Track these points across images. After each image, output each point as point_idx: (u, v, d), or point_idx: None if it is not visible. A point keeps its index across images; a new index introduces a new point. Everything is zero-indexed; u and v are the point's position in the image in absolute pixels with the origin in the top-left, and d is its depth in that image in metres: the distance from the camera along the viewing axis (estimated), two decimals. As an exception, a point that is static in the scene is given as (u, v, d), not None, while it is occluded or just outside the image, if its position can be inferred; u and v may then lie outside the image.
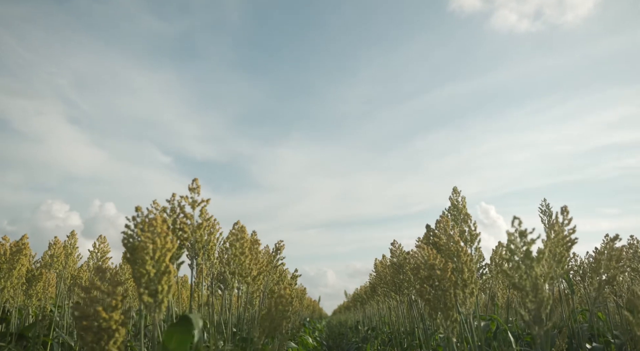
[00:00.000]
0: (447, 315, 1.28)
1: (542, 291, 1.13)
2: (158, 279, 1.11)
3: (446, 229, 1.60)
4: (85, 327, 1.05)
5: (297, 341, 3.49)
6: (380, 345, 3.98)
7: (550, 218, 3.15)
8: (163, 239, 1.13)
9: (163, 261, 1.12)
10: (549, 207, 3.12)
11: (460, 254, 1.42)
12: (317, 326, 8.42)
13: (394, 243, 2.20)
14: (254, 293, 1.58)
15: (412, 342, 2.70)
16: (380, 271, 3.17)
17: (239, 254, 1.35)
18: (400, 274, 2.00)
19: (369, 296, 4.92)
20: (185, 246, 1.34)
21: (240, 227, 1.41)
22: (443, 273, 1.30)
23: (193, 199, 1.37)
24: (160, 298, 1.11)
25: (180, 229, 1.32)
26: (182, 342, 1.10)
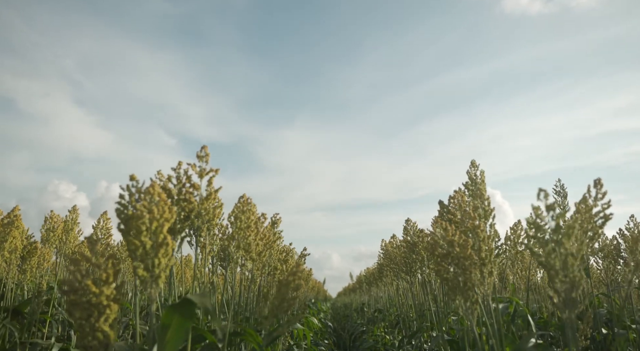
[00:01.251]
0: (466, 295, 1.20)
1: (574, 270, 1.05)
2: (154, 252, 1.03)
3: (461, 205, 1.51)
4: (73, 302, 0.98)
5: (302, 323, 3.45)
6: (387, 327, 3.93)
7: (564, 199, 3.06)
8: (161, 208, 1.05)
9: (160, 232, 1.04)
10: (563, 188, 3.02)
11: (477, 231, 1.33)
12: (321, 308, 8.42)
13: (407, 221, 2.12)
14: (258, 270, 1.51)
15: (422, 324, 2.64)
16: (389, 251, 3.09)
17: (244, 228, 1.27)
18: (413, 253, 1.93)
19: (376, 278, 4.87)
20: (190, 219, 1.26)
21: (246, 200, 1.33)
22: (463, 250, 1.22)
23: (201, 168, 1.28)
24: (157, 273, 1.04)
25: (186, 199, 1.24)
26: (182, 325, 1.02)
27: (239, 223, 1.29)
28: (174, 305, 1.00)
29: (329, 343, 4.28)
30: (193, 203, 1.23)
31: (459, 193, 1.53)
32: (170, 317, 1.02)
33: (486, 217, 1.40)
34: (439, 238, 1.26)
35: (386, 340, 3.67)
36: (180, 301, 1.00)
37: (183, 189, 1.24)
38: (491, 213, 1.41)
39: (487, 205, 1.41)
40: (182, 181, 1.25)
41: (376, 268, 4.59)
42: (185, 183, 1.25)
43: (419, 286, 2.91)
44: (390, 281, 4.06)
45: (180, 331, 1.02)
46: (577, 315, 2.77)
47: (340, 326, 7.40)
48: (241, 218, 1.29)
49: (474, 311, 1.20)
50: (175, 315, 1.02)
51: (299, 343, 3.24)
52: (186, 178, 1.25)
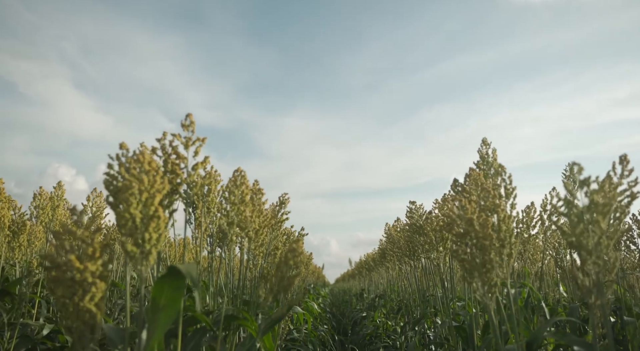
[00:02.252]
0: (485, 278, 1.11)
1: (608, 251, 0.96)
2: (145, 225, 0.94)
3: (477, 183, 1.42)
4: (55, 279, 0.89)
5: (302, 307, 3.38)
6: (389, 312, 3.87)
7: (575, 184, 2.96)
8: (152, 178, 0.95)
9: (151, 204, 0.94)
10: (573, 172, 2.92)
11: (498, 210, 1.24)
12: (320, 293, 8.37)
13: (412, 203, 2.02)
14: (256, 250, 1.42)
15: (426, 310, 2.56)
16: (392, 235, 3.01)
17: (238, 202, 1.18)
18: (420, 235, 1.84)
19: (377, 263, 4.80)
20: (177, 192, 1.17)
21: (241, 172, 1.23)
22: (483, 230, 1.13)
23: (187, 138, 1.18)
24: (148, 248, 0.95)
25: (172, 172, 1.15)
26: (174, 297, 0.93)
27: (232, 198, 1.19)
28: (162, 277, 0.91)
29: (328, 328, 4.22)
30: (180, 175, 1.13)
31: (474, 171, 1.43)
32: (160, 290, 0.92)
33: (507, 196, 1.31)
34: (457, 217, 1.16)
35: (388, 325, 3.60)
36: (168, 271, 0.91)
37: (169, 161, 1.14)
38: (513, 191, 1.32)
39: (509, 183, 1.31)
40: (168, 152, 1.15)
41: (378, 252, 4.52)
42: (171, 154, 1.15)
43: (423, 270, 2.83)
44: (393, 266, 3.99)
45: (171, 306, 0.93)
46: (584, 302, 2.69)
47: (340, 312, 7.36)
48: (235, 192, 1.19)
49: (493, 295, 1.11)
50: (165, 287, 0.92)
51: (299, 328, 3.17)
52: (172, 149, 1.15)
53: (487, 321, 1.61)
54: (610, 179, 1.18)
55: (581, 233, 0.96)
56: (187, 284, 0.99)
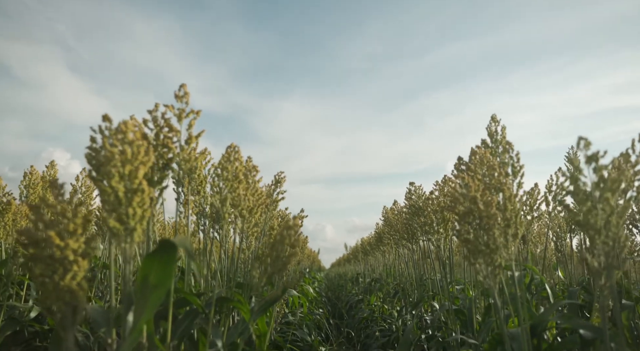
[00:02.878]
0: (489, 259, 1.06)
1: (619, 230, 0.91)
2: (129, 200, 0.88)
3: (483, 161, 1.36)
4: (33, 256, 0.83)
5: (297, 291, 3.34)
6: (385, 296, 3.84)
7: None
8: (135, 149, 0.89)
9: (135, 177, 0.88)
10: (577, 155, 2.87)
11: (503, 188, 1.18)
12: (316, 277, 8.37)
13: (412, 184, 1.97)
14: (250, 230, 1.36)
15: (423, 293, 2.53)
16: (390, 218, 2.96)
17: (231, 179, 1.12)
18: (420, 217, 1.79)
19: (374, 247, 4.77)
20: (170, 168, 1.11)
21: (234, 148, 1.17)
22: (487, 208, 1.07)
23: (180, 109, 1.12)
24: (132, 225, 0.89)
25: (164, 145, 1.08)
26: (164, 274, 0.87)
27: (225, 174, 1.14)
28: (153, 252, 0.85)
29: (323, 312, 4.20)
30: (172, 149, 1.07)
31: (480, 148, 1.37)
32: (149, 267, 0.87)
33: (514, 174, 1.25)
34: (460, 195, 1.11)
35: (384, 309, 3.58)
36: (159, 245, 0.85)
37: (161, 134, 1.08)
38: (520, 170, 1.26)
39: (517, 161, 1.26)
40: (160, 125, 1.08)
41: (374, 236, 4.48)
42: (164, 126, 1.08)
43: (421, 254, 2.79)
44: (389, 250, 3.95)
45: (162, 284, 0.87)
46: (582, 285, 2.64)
47: (335, 296, 7.36)
48: (227, 168, 1.14)
49: (497, 276, 1.06)
50: (155, 264, 0.87)
51: (295, 312, 3.14)
52: (164, 121, 1.09)
53: (489, 305, 1.57)
54: (628, 156, 1.13)
55: (589, 211, 0.90)
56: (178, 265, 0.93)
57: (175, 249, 0.88)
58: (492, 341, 1.31)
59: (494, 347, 1.32)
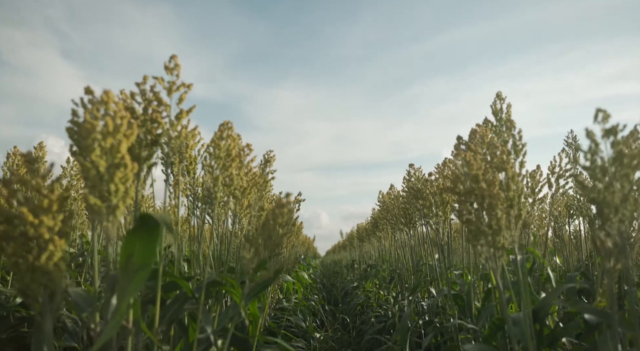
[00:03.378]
0: (492, 241, 1.02)
1: (638, 208, 0.86)
2: (110, 175, 0.82)
3: (484, 140, 1.31)
4: (5, 234, 0.78)
5: (292, 277, 3.30)
6: (381, 282, 3.81)
7: (577, 151, 2.87)
8: (117, 120, 0.84)
9: (117, 150, 0.83)
10: (576, 140, 2.83)
11: (506, 167, 1.13)
12: (311, 264, 8.36)
13: (412, 166, 1.92)
14: (242, 212, 1.31)
15: (420, 279, 2.49)
16: (387, 202, 2.92)
17: (224, 156, 1.06)
18: (419, 199, 1.74)
19: (369, 233, 4.73)
20: (158, 145, 1.05)
21: (227, 124, 1.12)
22: (490, 187, 1.02)
23: (170, 82, 1.06)
24: (114, 202, 0.83)
25: (153, 120, 1.02)
26: (148, 253, 0.82)
27: (217, 151, 1.08)
28: (134, 229, 0.80)
29: (318, 299, 4.17)
30: (161, 124, 1.01)
31: (481, 126, 1.32)
32: (131, 245, 0.82)
33: (517, 153, 1.20)
34: (461, 173, 1.06)
35: (380, 295, 3.55)
36: (139, 221, 0.80)
37: (149, 108, 1.02)
38: (523, 148, 1.21)
39: (519, 139, 1.21)
40: (149, 98, 1.02)
41: (370, 222, 4.45)
42: (152, 100, 1.02)
43: (418, 239, 2.75)
44: (385, 236, 3.92)
45: (145, 263, 0.82)
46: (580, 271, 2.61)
47: (330, 283, 7.36)
48: (220, 145, 1.08)
49: (500, 259, 1.01)
50: (137, 242, 0.81)
51: (289, 298, 3.11)
52: (153, 95, 1.03)
53: (488, 289, 1.53)
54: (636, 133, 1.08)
55: (606, 187, 0.86)
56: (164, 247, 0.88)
57: (158, 225, 0.82)
58: (493, 326, 1.27)
59: (495, 332, 1.28)
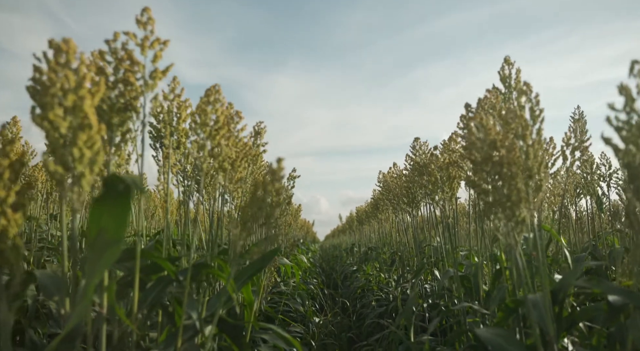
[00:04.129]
0: (510, 213, 0.91)
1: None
2: (73, 138, 0.71)
3: (496, 106, 1.20)
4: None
5: (290, 260, 3.21)
6: (381, 265, 3.73)
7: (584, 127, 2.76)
8: (80, 75, 0.72)
9: (80, 109, 0.71)
10: (582, 115, 2.72)
11: (525, 133, 1.03)
12: (310, 248, 8.29)
13: (417, 140, 1.81)
14: (233, 186, 1.20)
15: (424, 261, 2.40)
16: (388, 182, 2.82)
17: (210, 124, 0.95)
18: (424, 175, 1.63)
19: (369, 215, 4.64)
20: (133, 109, 0.93)
21: (215, 88, 1.00)
22: (508, 154, 0.92)
23: (144, 38, 0.94)
24: (80, 170, 0.72)
25: (125, 81, 0.91)
26: (119, 223, 0.71)
27: (203, 118, 0.97)
28: (100, 196, 0.69)
29: (317, 282, 4.09)
30: (134, 84, 0.90)
31: (492, 92, 1.21)
32: (98, 217, 0.71)
33: (533, 119, 1.09)
34: (476, 139, 0.95)
35: (381, 278, 3.47)
36: (106, 186, 0.69)
37: (121, 67, 0.91)
38: (540, 114, 1.10)
39: (536, 104, 1.10)
40: (120, 57, 0.91)
41: (370, 203, 4.35)
42: (124, 59, 0.91)
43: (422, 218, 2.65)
44: (386, 217, 3.82)
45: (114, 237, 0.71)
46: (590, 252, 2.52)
47: (330, 267, 7.29)
48: (206, 111, 0.97)
49: (520, 234, 0.91)
50: (104, 212, 0.71)
51: (287, 281, 3.02)
52: (125, 53, 0.91)
53: (498, 270, 1.44)
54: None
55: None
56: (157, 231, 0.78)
57: (128, 190, 0.71)
58: (505, 310, 1.18)
59: (508, 316, 1.19)
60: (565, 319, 1.09)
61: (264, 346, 1.59)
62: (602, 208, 2.84)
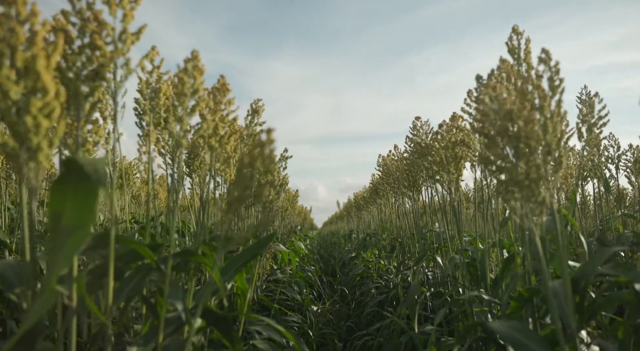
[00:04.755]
0: (529, 193, 0.82)
1: None
2: (25, 105, 0.61)
3: (510, 76, 1.10)
4: None
5: (287, 247, 3.13)
6: (380, 251, 3.65)
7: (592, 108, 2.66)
8: (34, 31, 0.62)
9: (33, 70, 0.61)
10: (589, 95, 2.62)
11: (543, 104, 0.93)
12: (308, 235, 8.22)
13: (418, 119, 1.71)
14: (221, 166, 1.11)
15: (425, 246, 2.31)
16: (389, 165, 2.72)
17: (188, 93, 0.86)
18: (428, 155, 1.54)
19: (368, 201, 4.55)
20: (102, 78, 0.83)
21: (193, 53, 0.90)
22: (528, 127, 0.82)
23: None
24: (35, 142, 0.63)
25: (92, 45, 0.81)
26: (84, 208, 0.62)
27: (181, 87, 0.87)
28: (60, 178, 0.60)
29: (315, 269, 4.02)
30: (102, 48, 0.80)
31: (507, 61, 1.11)
32: (60, 200, 0.61)
33: (553, 90, 0.99)
34: (490, 110, 0.85)
35: (380, 265, 3.39)
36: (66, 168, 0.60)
37: (86, 29, 0.80)
38: (560, 84, 1.00)
39: (555, 73, 0.99)
40: (85, 17, 0.80)
41: (369, 188, 4.26)
42: (90, 20, 0.80)
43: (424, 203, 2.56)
44: (386, 202, 3.74)
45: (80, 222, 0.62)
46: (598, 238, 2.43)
47: (328, 254, 7.22)
48: (184, 80, 0.87)
49: (541, 215, 0.82)
50: (68, 195, 0.61)
51: (284, 269, 2.94)
52: (91, 13, 0.81)
53: (509, 256, 1.35)
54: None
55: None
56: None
57: (98, 172, 0.62)
58: (519, 299, 1.09)
59: (521, 306, 1.10)
60: (586, 309, 1.01)
61: (259, 338, 1.51)
62: (609, 190, 2.75)
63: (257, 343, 1.29)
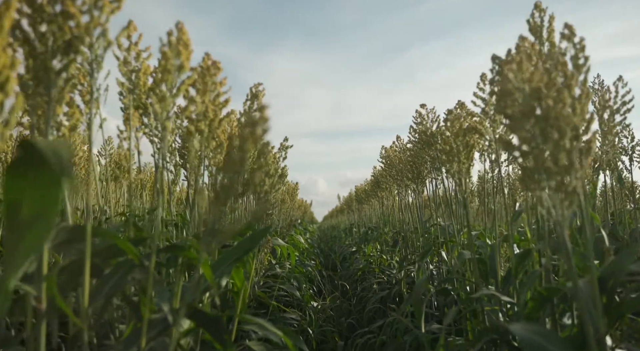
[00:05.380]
0: (560, 182, 0.73)
1: None
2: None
3: (531, 55, 1.00)
4: None
5: (286, 241, 3.04)
6: (382, 246, 3.56)
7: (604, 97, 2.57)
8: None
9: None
10: (602, 84, 2.52)
11: (570, 83, 0.83)
12: (308, 229, 8.13)
13: (423, 106, 1.62)
14: (212, 153, 1.01)
15: (430, 241, 2.23)
16: (391, 156, 2.63)
17: (172, 70, 0.76)
18: (433, 146, 1.45)
19: (369, 194, 4.46)
20: (76, 51, 0.74)
21: (177, 24, 0.81)
22: (558, 106, 0.73)
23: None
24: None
25: (65, 13, 0.71)
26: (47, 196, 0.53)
27: (163, 63, 0.77)
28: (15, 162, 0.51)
29: (315, 263, 3.93)
30: (76, 17, 0.70)
31: (527, 39, 1.02)
32: (18, 187, 0.52)
33: (577, 69, 0.90)
34: (514, 88, 0.76)
35: (382, 259, 3.30)
36: (23, 151, 0.51)
37: None
38: (586, 62, 0.91)
39: (581, 50, 0.90)
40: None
41: (371, 181, 4.17)
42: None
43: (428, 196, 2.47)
44: (388, 195, 3.65)
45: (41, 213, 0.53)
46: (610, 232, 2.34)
47: (328, 248, 7.14)
48: (167, 55, 0.77)
49: (571, 206, 0.73)
50: (27, 182, 0.52)
51: (283, 263, 2.85)
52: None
53: (524, 252, 1.26)
54: None
55: None
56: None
57: (60, 158, 0.53)
58: (538, 299, 1.00)
59: (540, 306, 1.01)
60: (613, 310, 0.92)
61: (255, 338, 1.43)
62: (622, 183, 2.66)
63: (251, 345, 1.21)
